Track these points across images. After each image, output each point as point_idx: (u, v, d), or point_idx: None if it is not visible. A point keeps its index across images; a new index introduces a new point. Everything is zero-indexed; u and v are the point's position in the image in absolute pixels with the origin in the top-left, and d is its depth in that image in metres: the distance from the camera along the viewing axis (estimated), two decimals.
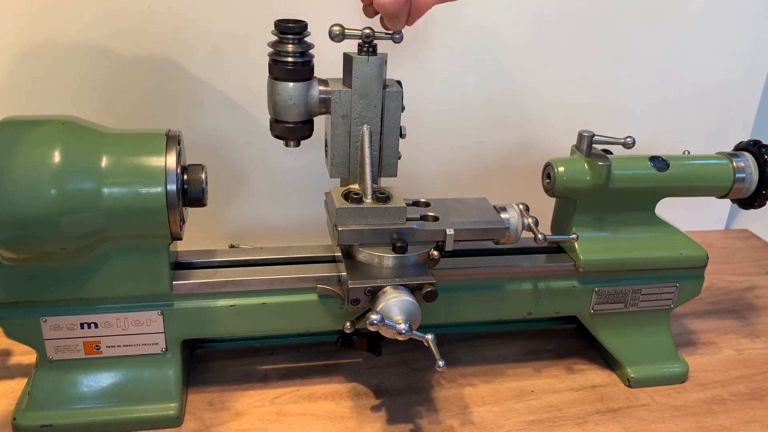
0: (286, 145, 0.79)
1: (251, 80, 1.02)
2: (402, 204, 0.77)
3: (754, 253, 1.34)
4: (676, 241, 0.93)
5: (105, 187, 0.70)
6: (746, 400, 0.91)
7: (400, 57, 0.92)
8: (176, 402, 0.81)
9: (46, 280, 0.75)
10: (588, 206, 0.90)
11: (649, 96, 1.24)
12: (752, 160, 0.91)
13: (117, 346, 0.80)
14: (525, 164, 1.21)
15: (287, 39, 0.74)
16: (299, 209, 1.16)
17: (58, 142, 0.69)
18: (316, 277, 0.82)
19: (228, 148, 1.09)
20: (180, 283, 0.79)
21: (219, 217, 1.13)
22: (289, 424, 0.82)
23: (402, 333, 0.69)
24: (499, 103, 1.17)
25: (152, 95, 1.03)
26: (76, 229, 0.70)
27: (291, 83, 0.75)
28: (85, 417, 0.78)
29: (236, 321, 0.82)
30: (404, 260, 0.77)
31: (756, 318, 1.11)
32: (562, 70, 1.17)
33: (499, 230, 0.82)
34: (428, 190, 1.18)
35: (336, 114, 0.77)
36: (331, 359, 0.94)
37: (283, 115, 0.77)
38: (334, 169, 0.80)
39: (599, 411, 0.88)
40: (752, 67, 1.27)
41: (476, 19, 1.10)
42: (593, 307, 0.91)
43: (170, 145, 0.73)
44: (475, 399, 0.88)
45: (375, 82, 0.77)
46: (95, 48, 0.98)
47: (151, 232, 0.74)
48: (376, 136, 0.79)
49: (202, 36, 1.01)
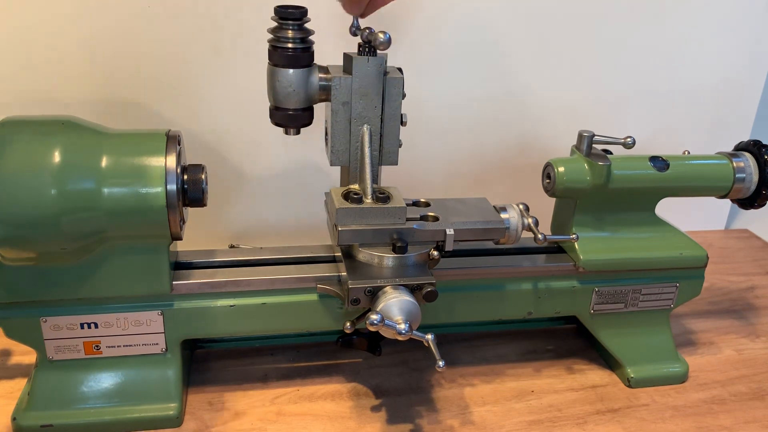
0: (286, 132, 0.79)
1: (251, 80, 1.02)
2: (402, 204, 0.77)
3: (754, 253, 1.34)
4: (676, 241, 0.93)
5: (105, 187, 0.70)
6: (746, 400, 0.91)
7: (400, 57, 0.92)
8: (176, 402, 0.81)
9: (46, 280, 0.75)
10: (588, 206, 0.90)
11: (649, 96, 1.24)
12: (752, 160, 0.91)
13: (117, 346, 0.80)
14: (525, 164, 1.21)
15: (287, 25, 0.73)
16: (299, 209, 1.16)
17: (58, 142, 0.69)
18: (316, 277, 0.82)
19: (228, 149, 1.10)
20: (180, 283, 0.79)
21: (219, 217, 1.13)
22: (289, 424, 0.82)
23: (402, 333, 0.69)
24: (499, 103, 1.17)
25: (152, 95, 1.03)
26: (76, 229, 0.70)
27: (291, 70, 0.74)
28: (85, 417, 0.78)
29: (236, 321, 0.82)
30: (404, 260, 0.77)
31: (756, 318, 1.11)
32: (562, 70, 1.17)
33: (499, 230, 0.82)
34: (428, 190, 1.18)
35: (336, 101, 0.77)
36: (331, 359, 0.94)
37: (283, 102, 0.76)
38: (334, 157, 0.80)
39: (599, 411, 0.88)
40: (752, 67, 1.27)
41: (476, 20, 1.10)
42: (593, 307, 0.91)
43: (170, 145, 0.73)
44: (475, 399, 0.88)
45: (375, 83, 0.76)
46: (95, 48, 0.98)
47: (151, 232, 0.74)
48: (376, 136, 0.79)
49: (202, 36, 1.01)
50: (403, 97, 0.79)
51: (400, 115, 0.80)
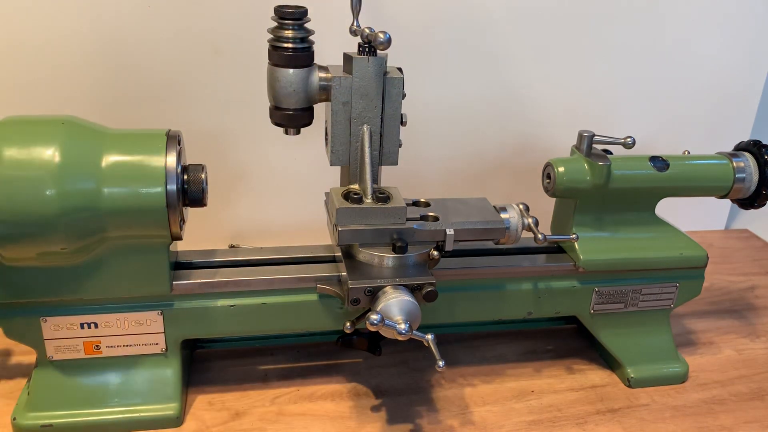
0: (286, 132, 0.79)
1: (252, 80, 1.02)
2: (402, 204, 0.77)
3: (754, 253, 1.34)
4: (676, 241, 0.93)
5: (105, 187, 0.70)
6: (746, 400, 0.91)
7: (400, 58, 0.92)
8: (176, 402, 0.81)
9: (46, 280, 0.75)
10: (588, 206, 0.90)
11: (649, 96, 1.24)
12: (752, 160, 0.91)
13: (117, 346, 0.80)
14: (525, 164, 1.21)
15: (287, 25, 0.73)
16: (299, 209, 1.16)
17: (58, 142, 0.69)
18: (316, 277, 0.82)
19: (228, 148, 1.10)
20: (180, 283, 0.79)
21: (219, 217, 1.13)
22: (289, 424, 0.82)
23: (402, 333, 0.69)
24: (500, 104, 1.17)
25: (152, 95, 1.03)
26: (76, 229, 0.70)
27: (291, 70, 0.74)
28: (85, 417, 0.78)
29: (236, 321, 0.82)
30: (404, 260, 0.77)
31: (756, 318, 1.11)
32: (562, 70, 1.17)
33: (499, 230, 0.82)
34: (428, 190, 1.17)
35: (336, 101, 0.77)
36: (331, 359, 0.94)
37: (283, 102, 0.76)
38: (334, 157, 0.80)
39: (599, 411, 0.88)
40: (752, 67, 1.27)
41: (476, 19, 1.10)
42: (593, 307, 0.91)
43: (170, 145, 0.73)
44: (475, 399, 0.88)
45: (375, 83, 0.76)
46: (96, 48, 0.98)
47: (151, 232, 0.74)
48: (376, 137, 0.79)
49: (203, 36, 1.01)
50: (403, 97, 0.79)
51: (400, 115, 0.80)
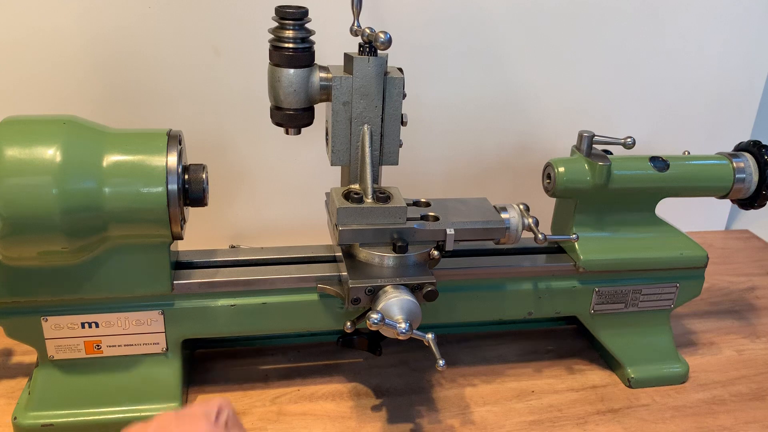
0: (287, 132, 0.79)
1: (252, 80, 1.02)
2: (402, 204, 0.77)
3: (754, 253, 1.34)
4: (676, 241, 0.93)
5: (106, 187, 0.70)
6: (747, 401, 0.91)
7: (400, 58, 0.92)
8: (176, 402, 0.81)
9: (47, 279, 0.75)
10: (588, 206, 0.90)
11: (649, 96, 1.24)
12: (752, 160, 0.91)
13: (118, 346, 0.80)
14: (525, 164, 1.21)
15: (287, 25, 0.73)
16: (299, 209, 1.16)
17: (59, 141, 0.69)
18: (316, 276, 0.82)
19: (229, 148, 1.10)
20: (181, 283, 0.79)
21: (220, 216, 1.13)
22: (290, 423, 0.82)
23: (402, 332, 0.69)
24: (500, 104, 1.17)
25: (152, 95, 1.03)
26: (77, 228, 0.70)
27: (291, 70, 0.75)
28: (85, 416, 0.78)
29: (237, 321, 0.82)
30: (405, 260, 0.77)
31: (756, 318, 1.11)
32: (562, 70, 1.17)
33: (500, 230, 0.82)
34: (428, 190, 1.17)
35: (337, 101, 0.77)
36: (332, 359, 0.94)
37: (284, 102, 0.76)
38: (335, 157, 0.80)
39: (599, 411, 0.88)
40: (752, 68, 1.27)
41: (477, 19, 1.10)
42: (593, 307, 0.91)
43: (171, 144, 0.73)
44: (476, 399, 0.88)
45: (375, 83, 0.77)
46: (96, 48, 0.99)
47: (152, 231, 0.74)
48: (377, 137, 0.79)
49: (203, 36, 1.01)
50: (404, 97, 0.79)
51: (400, 115, 0.80)
